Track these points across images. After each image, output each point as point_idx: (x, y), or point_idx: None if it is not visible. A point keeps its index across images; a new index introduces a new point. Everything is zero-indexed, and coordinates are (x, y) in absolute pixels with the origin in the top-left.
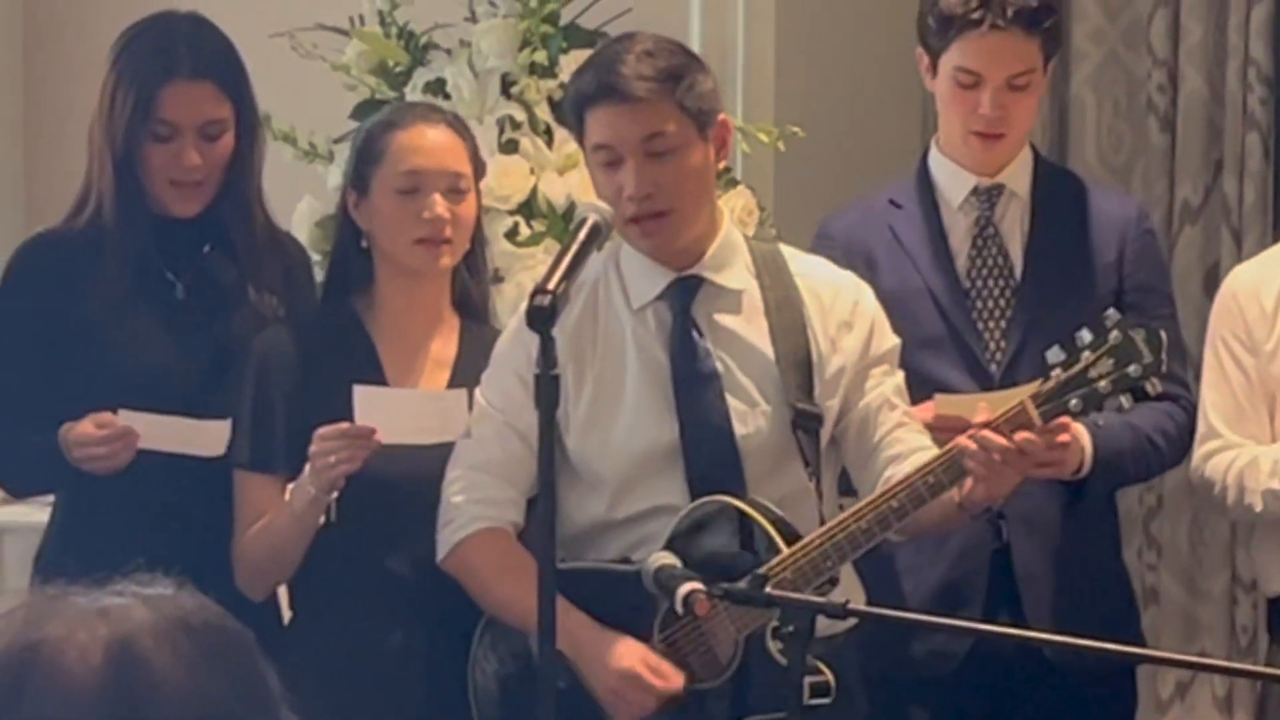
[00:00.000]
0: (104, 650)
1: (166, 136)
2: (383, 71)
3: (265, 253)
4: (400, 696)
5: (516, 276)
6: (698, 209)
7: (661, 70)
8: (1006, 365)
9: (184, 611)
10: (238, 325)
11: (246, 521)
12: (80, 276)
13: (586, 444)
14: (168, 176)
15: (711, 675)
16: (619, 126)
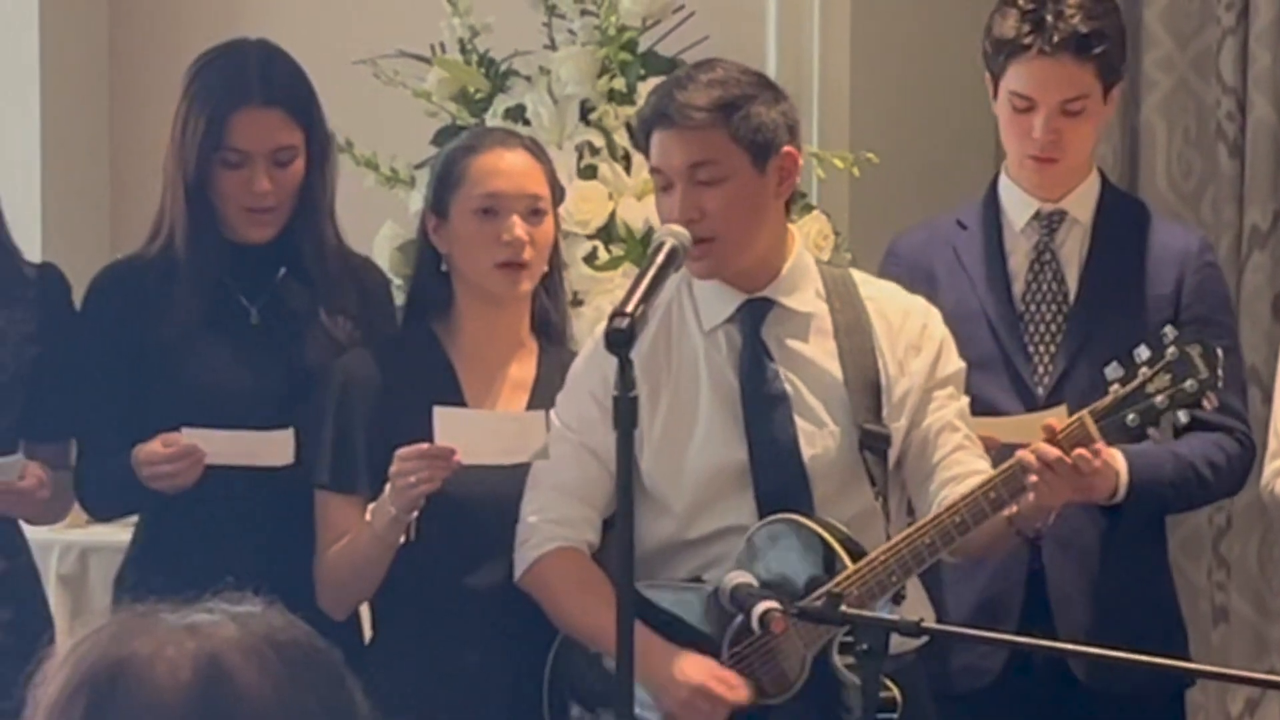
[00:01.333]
0: (192, 665)
1: (237, 163)
2: (463, 98)
3: (339, 277)
4: (478, 713)
5: (595, 300)
6: (747, 237)
7: (716, 100)
8: (1052, 388)
9: (272, 629)
10: (312, 350)
11: (328, 541)
12: (155, 303)
13: (659, 465)
14: (240, 203)
15: (779, 691)
16: (669, 152)
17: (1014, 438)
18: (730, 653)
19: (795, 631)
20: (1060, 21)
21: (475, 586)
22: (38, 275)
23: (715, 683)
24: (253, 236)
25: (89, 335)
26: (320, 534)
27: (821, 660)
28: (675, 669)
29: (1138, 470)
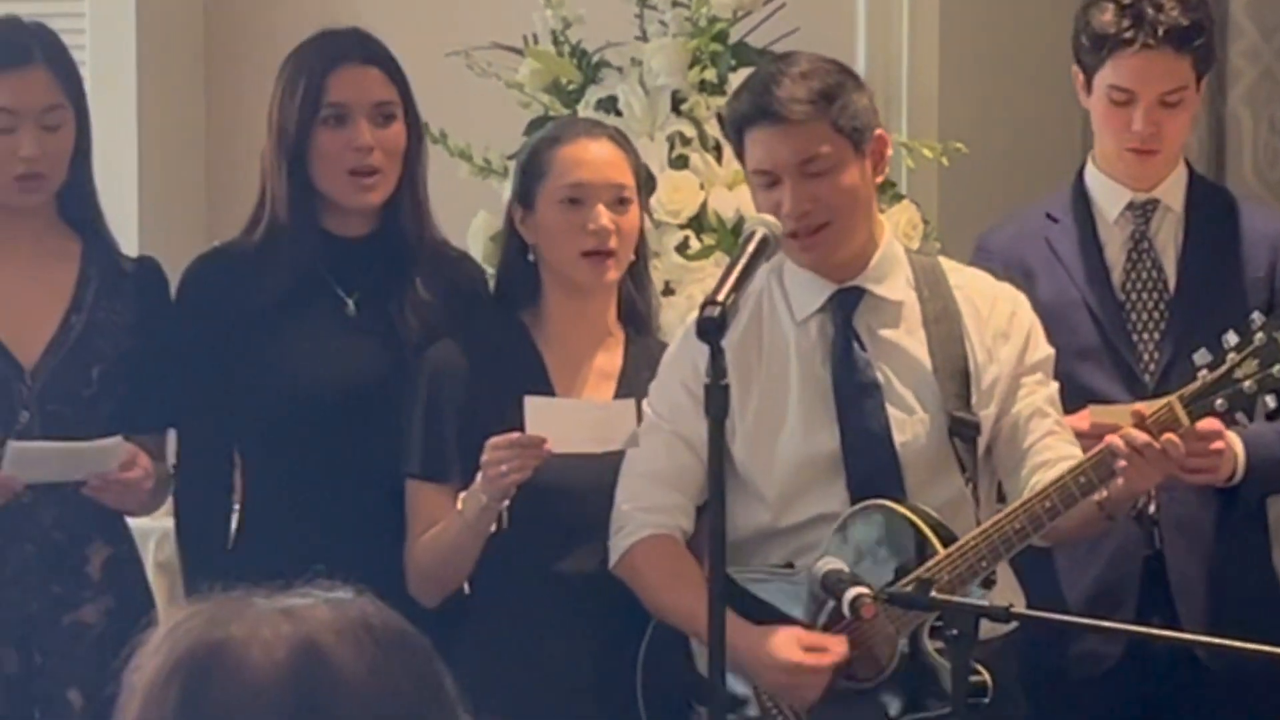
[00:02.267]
0: (288, 647)
1: (339, 120)
2: (556, 89)
3: (434, 268)
4: (570, 700)
5: (687, 289)
6: (855, 223)
7: (815, 92)
8: (1160, 376)
9: (365, 613)
10: (405, 341)
11: (419, 530)
12: (251, 293)
13: (751, 454)
14: (344, 165)
15: (871, 676)
16: (775, 149)
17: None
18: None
19: (887, 616)
20: (1160, 14)
21: (565, 573)
22: (135, 268)
23: (806, 655)
24: (359, 201)
25: (184, 324)
26: (411, 523)
27: (913, 645)
28: (767, 651)
29: (1254, 451)
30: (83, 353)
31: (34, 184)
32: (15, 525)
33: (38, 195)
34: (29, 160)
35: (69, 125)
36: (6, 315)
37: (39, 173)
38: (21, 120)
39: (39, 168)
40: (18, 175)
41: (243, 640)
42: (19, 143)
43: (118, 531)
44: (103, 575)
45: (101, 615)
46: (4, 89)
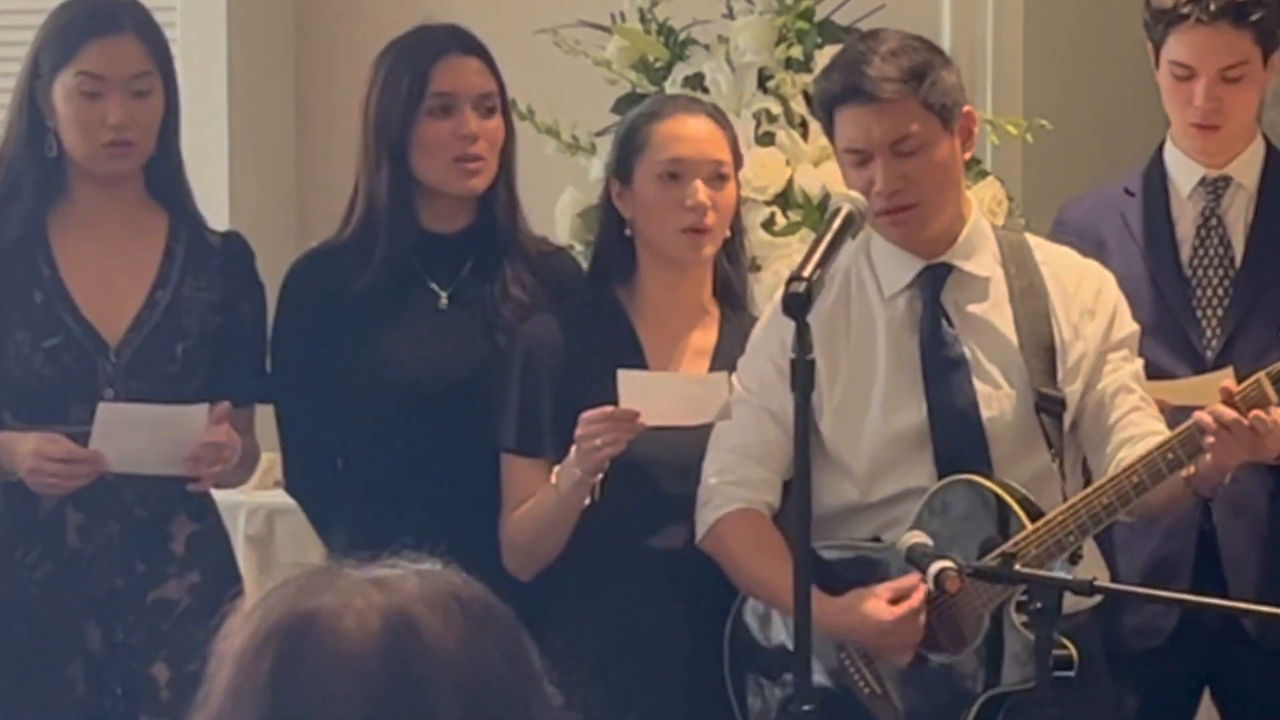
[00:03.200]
0: (381, 617)
1: (444, 110)
2: (643, 66)
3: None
4: (660, 673)
5: (773, 265)
6: (945, 200)
7: (905, 70)
8: (1220, 352)
9: (453, 585)
10: (497, 335)
11: (513, 503)
12: (347, 288)
13: (839, 429)
14: (450, 154)
15: (957, 649)
16: (866, 128)
17: (1184, 400)
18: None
19: (973, 591)
20: None
21: (657, 548)
22: (222, 243)
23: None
24: (463, 188)
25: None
26: (506, 496)
27: (999, 619)
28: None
29: None
30: (167, 329)
31: (123, 151)
32: (99, 502)
33: (126, 163)
34: (117, 127)
35: (157, 94)
36: (92, 292)
37: (128, 139)
38: (110, 87)
39: (128, 135)
40: (106, 142)
41: (336, 610)
42: (107, 109)
43: (202, 506)
44: (187, 551)
45: (186, 591)
46: (94, 56)
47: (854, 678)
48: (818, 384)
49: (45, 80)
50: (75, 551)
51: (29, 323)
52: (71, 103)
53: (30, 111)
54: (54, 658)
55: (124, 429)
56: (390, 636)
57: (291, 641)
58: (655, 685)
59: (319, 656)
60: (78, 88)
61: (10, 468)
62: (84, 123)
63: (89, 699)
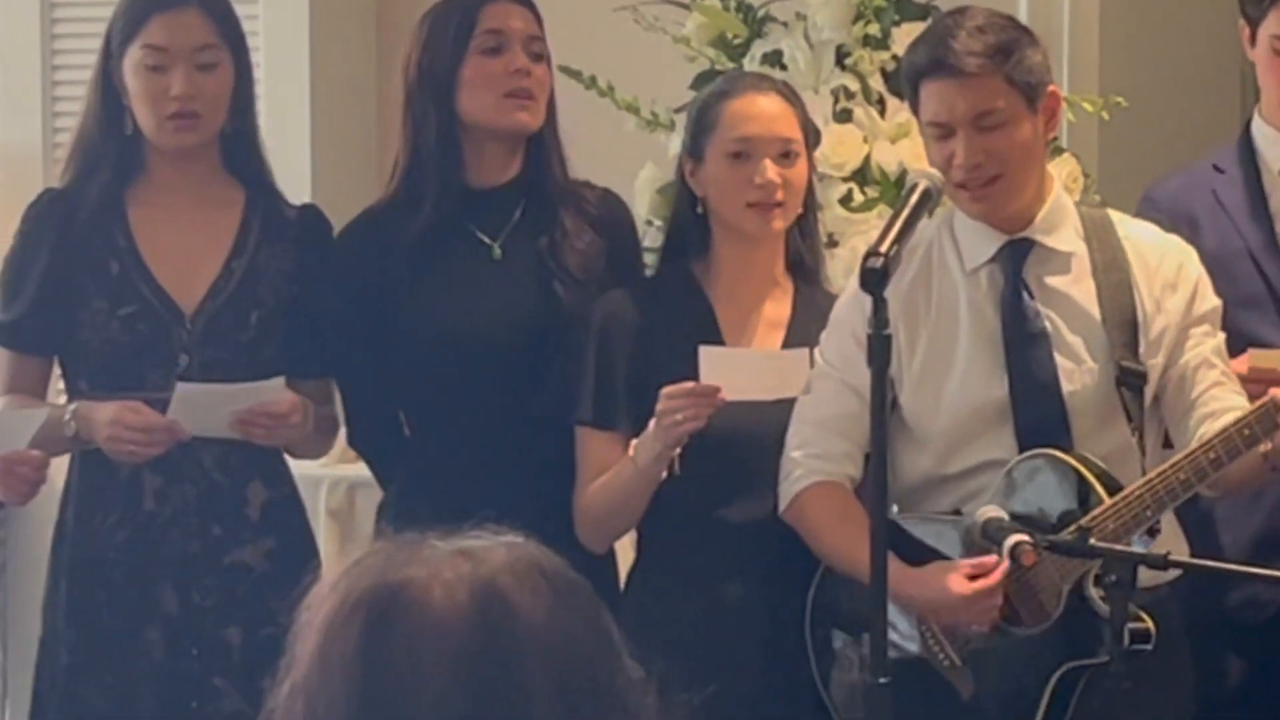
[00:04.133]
0: (469, 588)
1: (495, 47)
2: (722, 43)
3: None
4: (739, 646)
5: (850, 241)
6: (1026, 177)
7: (991, 46)
8: None
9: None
10: (552, 283)
11: (589, 476)
12: (397, 244)
13: (919, 401)
14: (500, 90)
15: (1037, 623)
16: (950, 102)
17: None
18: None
19: (1052, 565)
20: None
21: (734, 521)
22: (298, 216)
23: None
24: (515, 123)
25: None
26: (581, 469)
27: (1077, 593)
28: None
29: None
30: (242, 298)
31: (188, 123)
32: (176, 466)
33: (192, 135)
34: (180, 98)
35: (225, 67)
36: (169, 261)
37: (193, 111)
38: (174, 59)
39: (193, 106)
40: (170, 114)
41: (424, 580)
42: (171, 81)
43: (278, 474)
44: (262, 517)
45: (261, 557)
46: (158, 29)
47: (933, 650)
48: (898, 356)
49: (116, 58)
50: (152, 516)
51: (105, 292)
52: (138, 76)
53: (106, 90)
54: (131, 621)
55: (202, 406)
56: (479, 607)
57: (381, 611)
58: (732, 658)
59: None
60: (142, 61)
61: (89, 435)
62: (149, 95)
63: (166, 661)
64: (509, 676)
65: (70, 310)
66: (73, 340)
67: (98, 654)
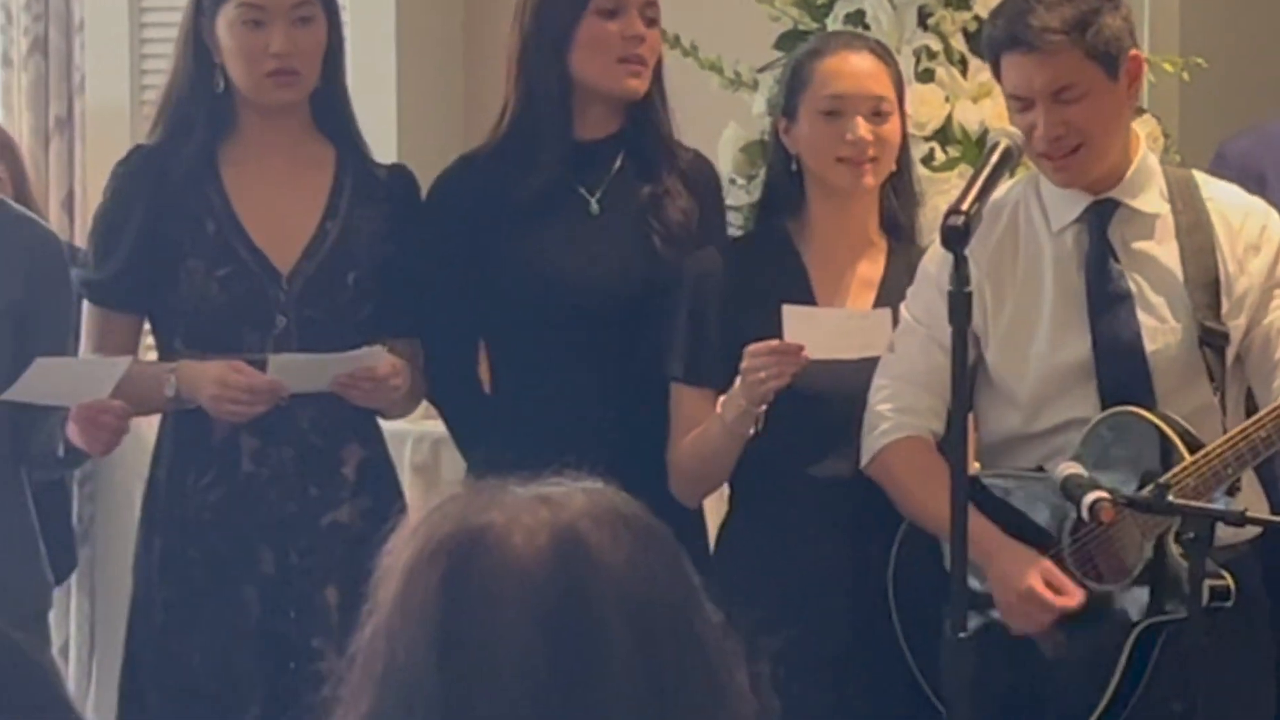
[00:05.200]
0: (549, 532)
1: (613, 11)
2: (805, 3)
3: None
4: (823, 601)
5: (932, 200)
6: (1107, 143)
7: (1068, 20)
8: None
9: (617, 502)
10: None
11: (681, 431)
12: (500, 193)
13: (1004, 359)
14: (617, 53)
15: (1117, 579)
16: (1028, 76)
17: None
18: (1071, 540)
19: (1133, 522)
20: None
21: (820, 477)
22: (388, 176)
23: (1046, 590)
24: (626, 89)
25: (434, 228)
26: (674, 425)
27: (1158, 550)
28: (1010, 567)
29: None
30: (338, 259)
31: (288, 79)
32: (273, 428)
33: (291, 92)
34: (280, 55)
35: (319, 23)
36: (264, 222)
37: (292, 68)
38: (272, 15)
39: (292, 63)
40: (270, 70)
41: (504, 526)
42: (270, 38)
43: (371, 434)
44: (357, 477)
45: (358, 516)
46: None
47: None
48: (983, 314)
49: (208, 16)
50: (249, 476)
51: (201, 252)
52: (234, 33)
53: (196, 48)
54: (228, 581)
55: (298, 373)
56: (558, 552)
57: (460, 556)
58: (819, 612)
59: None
60: (240, 18)
61: (190, 395)
62: (247, 52)
63: (263, 621)
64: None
65: (164, 269)
66: (166, 300)
67: (193, 614)
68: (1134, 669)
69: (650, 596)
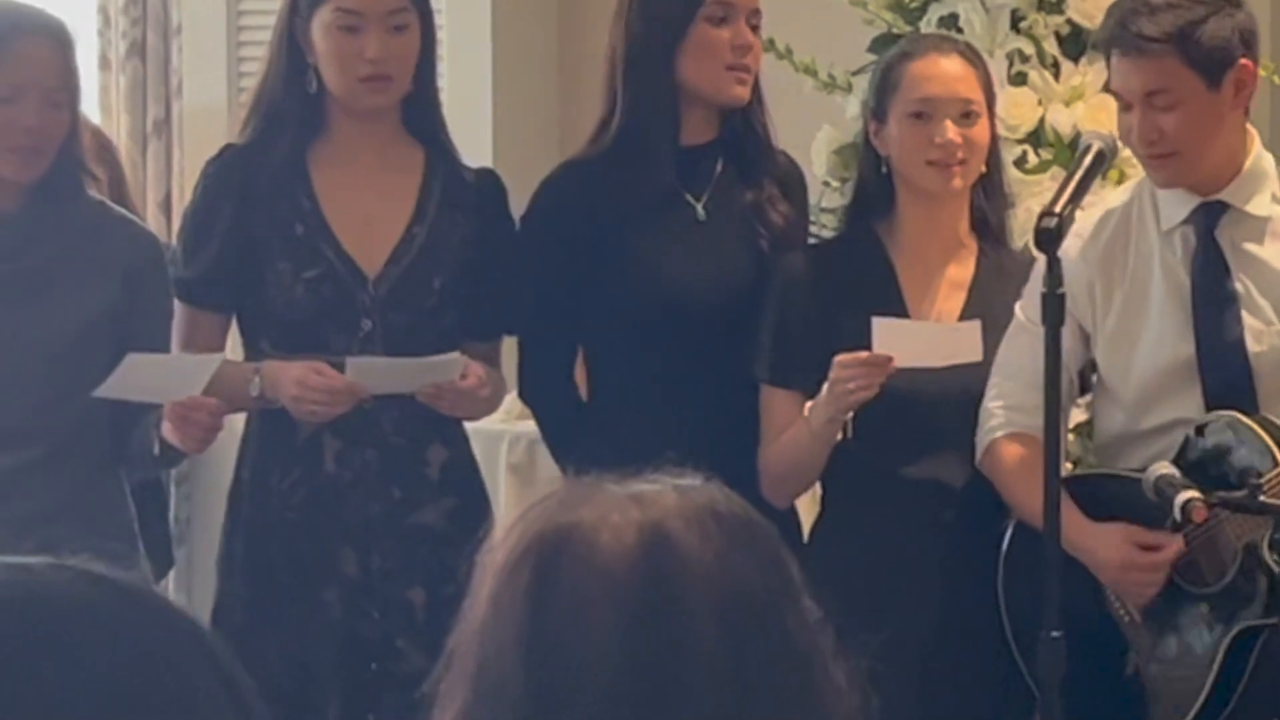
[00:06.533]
0: (637, 531)
1: (723, 18)
2: (898, 6)
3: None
4: (915, 601)
5: (1025, 202)
6: (1202, 152)
7: (1170, 28)
8: None
9: (712, 500)
10: (757, 245)
11: (771, 434)
12: (603, 200)
13: (1111, 358)
14: (725, 61)
15: (1211, 581)
16: (1125, 77)
17: None
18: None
19: (1232, 524)
20: None
21: (914, 479)
22: (476, 180)
23: (1138, 553)
24: (732, 95)
25: (538, 235)
26: (764, 427)
27: (1253, 553)
28: (1098, 550)
29: None
30: (425, 263)
31: (381, 85)
32: (357, 430)
33: (384, 97)
34: (375, 61)
35: (414, 30)
36: (351, 225)
37: (386, 74)
38: (368, 21)
39: (386, 69)
40: (364, 76)
41: (592, 524)
42: (365, 44)
43: (455, 434)
44: (440, 477)
45: (442, 517)
46: None
47: (1114, 605)
48: (1093, 314)
49: (304, 17)
50: (332, 478)
51: (290, 253)
52: (330, 38)
53: (290, 48)
54: (311, 582)
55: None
56: (645, 551)
57: (549, 554)
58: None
59: (575, 569)
60: (335, 23)
61: (273, 394)
62: (342, 57)
63: (345, 622)
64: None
65: (253, 269)
66: (254, 300)
67: (274, 613)
68: (1231, 673)
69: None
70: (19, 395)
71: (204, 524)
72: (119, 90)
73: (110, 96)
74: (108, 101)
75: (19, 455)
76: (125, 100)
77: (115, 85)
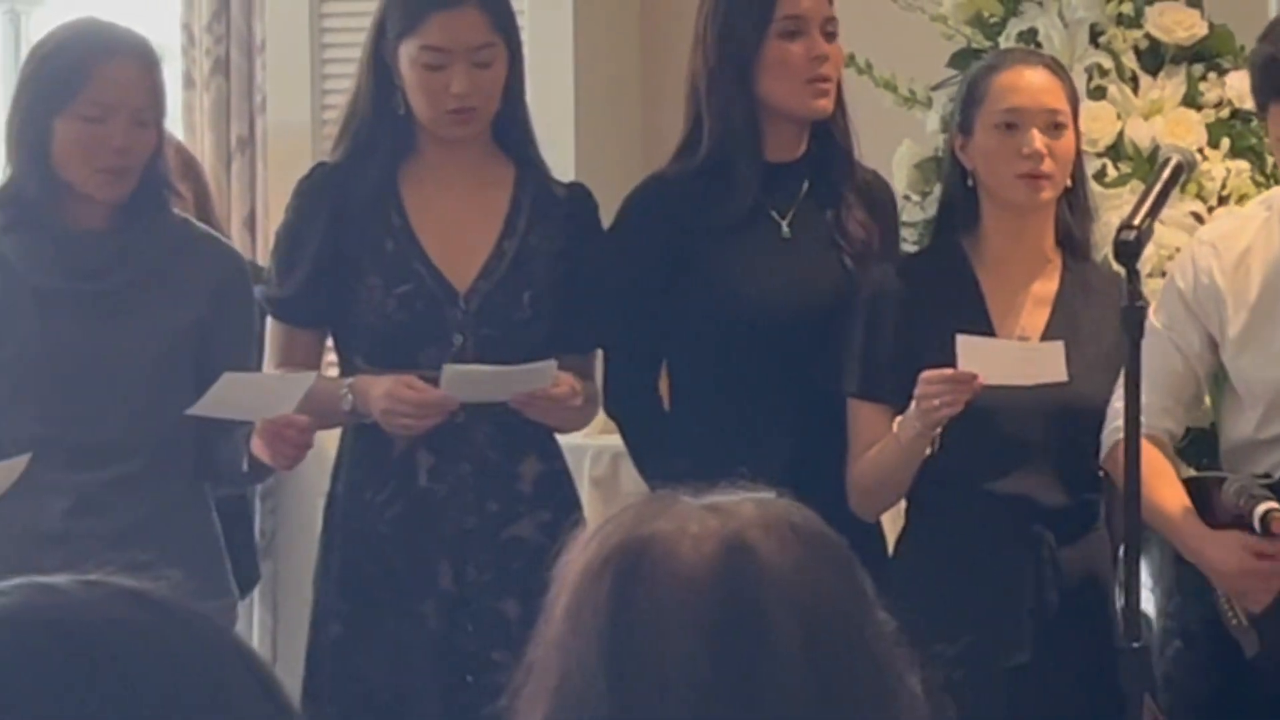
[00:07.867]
0: (717, 541)
1: (796, 31)
2: (978, 21)
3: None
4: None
5: (1104, 215)
6: None
7: None
8: None
9: (788, 511)
10: (842, 262)
11: (859, 448)
12: (690, 216)
13: (1241, 363)
14: (802, 75)
15: None
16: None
17: None
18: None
19: None
20: None
21: (1002, 493)
22: (566, 194)
23: (1252, 559)
24: (815, 108)
25: (624, 249)
26: (851, 441)
27: None
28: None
29: None
30: (515, 277)
31: (465, 117)
32: (451, 444)
33: (469, 128)
34: (460, 96)
35: (500, 61)
36: (442, 240)
37: (471, 107)
38: (453, 58)
39: (471, 102)
40: (450, 110)
41: (672, 535)
42: (450, 79)
43: (549, 448)
44: (535, 490)
45: (536, 529)
46: (436, 29)
47: (1224, 609)
48: (1223, 318)
49: (391, 43)
50: (426, 492)
51: (381, 270)
52: (415, 72)
53: (378, 70)
54: (407, 596)
55: (471, 384)
56: (726, 560)
57: (628, 565)
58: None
59: (655, 580)
60: (419, 59)
61: (365, 409)
62: (428, 91)
63: (441, 635)
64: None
65: (345, 286)
66: (347, 316)
67: (371, 628)
68: None
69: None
70: (114, 410)
71: (289, 538)
72: (203, 108)
73: (194, 114)
74: (192, 119)
75: (115, 469)
76: (209, 118)
77: (199, 103)
